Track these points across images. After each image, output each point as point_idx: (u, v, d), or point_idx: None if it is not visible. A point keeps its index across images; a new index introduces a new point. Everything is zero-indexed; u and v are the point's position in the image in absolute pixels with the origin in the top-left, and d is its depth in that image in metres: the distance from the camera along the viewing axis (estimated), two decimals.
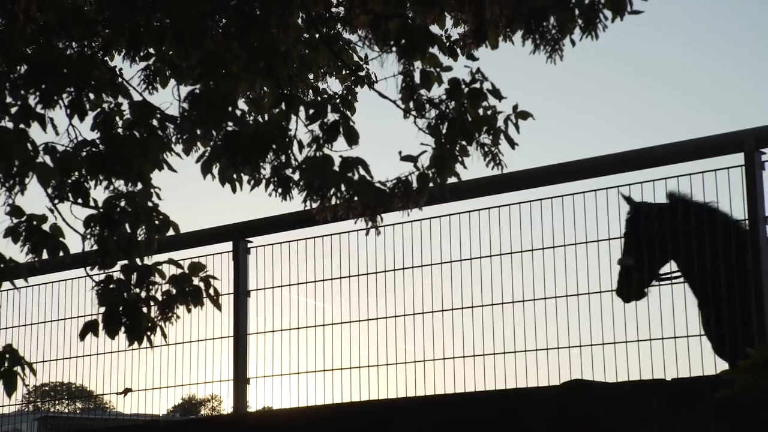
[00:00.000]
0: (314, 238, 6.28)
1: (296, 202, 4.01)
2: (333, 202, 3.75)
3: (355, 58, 5.06)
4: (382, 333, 6.27)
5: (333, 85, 5.35)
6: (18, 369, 3.50)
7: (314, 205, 3.76)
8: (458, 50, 4.77)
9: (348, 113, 3.87)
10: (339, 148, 3.89)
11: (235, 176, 4.06)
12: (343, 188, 3.71)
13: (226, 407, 6.82)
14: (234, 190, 4.13)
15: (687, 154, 5.32)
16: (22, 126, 3.71)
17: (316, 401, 6.18)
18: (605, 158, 5.54)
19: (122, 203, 3.83)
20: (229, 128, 3.88)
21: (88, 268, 3.93)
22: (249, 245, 6.48)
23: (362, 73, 5.11)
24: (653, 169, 5.45)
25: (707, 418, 4.66)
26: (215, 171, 4.09)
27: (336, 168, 3.77)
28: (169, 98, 4.10)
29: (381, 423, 5.63)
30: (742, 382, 4.27)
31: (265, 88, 4.01)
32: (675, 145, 5.42)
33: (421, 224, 5.99)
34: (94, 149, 3.94)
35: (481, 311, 5.84)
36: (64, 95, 3.90)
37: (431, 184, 3.70)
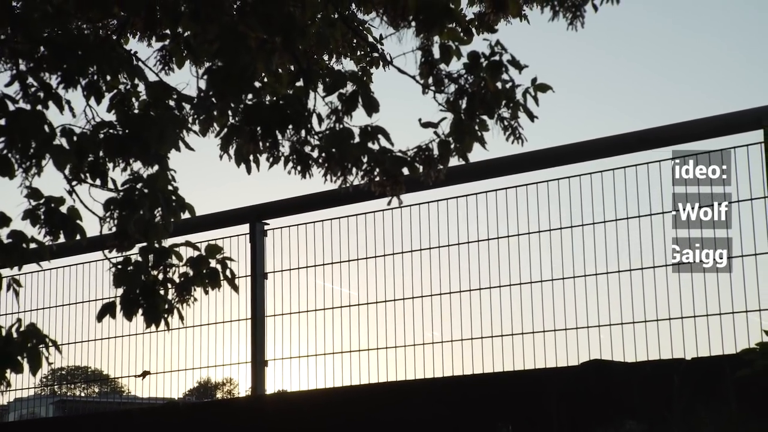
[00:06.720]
0: (331, 219, 6.28)
1: (311, 185, 3.99)
2: (353, 173, 3.72)
3: (370, 39, 5.03)
4: (399, 314, 6.26)
5: (348, 67, 5.34)
6: (42, 348, 3.50)
7: (334, 181, 3.73)
8: (474, 30, 4.74)
9: (367, 80, 3.83)
10: (358, 123, 3.86)
11: (251, 156, 4.02)
12: (363, 159, 3.68)
13: (242, 391, 6.83)
14: (249, 170, 4.08)
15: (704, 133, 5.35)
16: (39, 107, 3.69)
17: (334, 383, 6.18)
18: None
19: (141, 186, 3.81)
20: (249, 102, 3.85)
21: (106, 251, 3.91)
22: (266, 227, 6.49)
23: (377, 54, 5.08)
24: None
25: (728, 398, 4.63)
26: (231, 152, 4.05)
27: (356, 140, 3.74)
28: (185, 79, 4.07)
29: (399, 404, 5.62)
30: (762, 363, 4.23)
31: (283, 65, 3.98)
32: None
33: (438, 205, 5.99)
34: (111, 131, 3.92)
35: (498, 292, 5.83)
36: (82, 79, 3.88)
37: (454, 153, 3.66)
